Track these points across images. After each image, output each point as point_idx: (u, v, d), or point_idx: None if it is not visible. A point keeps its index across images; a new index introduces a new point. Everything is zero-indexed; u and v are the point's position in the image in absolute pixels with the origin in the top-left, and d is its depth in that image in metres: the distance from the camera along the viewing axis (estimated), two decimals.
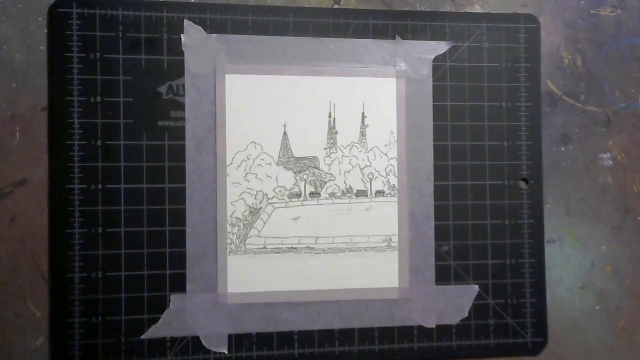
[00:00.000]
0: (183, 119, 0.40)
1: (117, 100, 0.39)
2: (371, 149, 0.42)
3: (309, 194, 0.41)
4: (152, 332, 0.39)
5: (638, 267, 0.44)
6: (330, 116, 0.41)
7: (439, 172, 0.42)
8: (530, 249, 0.43)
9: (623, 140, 0.45)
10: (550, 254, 0.43)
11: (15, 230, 0.38)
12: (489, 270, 0.42)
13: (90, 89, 0.39)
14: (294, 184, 0.41)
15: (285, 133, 0.41)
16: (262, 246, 0.40)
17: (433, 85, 0.42)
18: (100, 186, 0.39)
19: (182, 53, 0.40)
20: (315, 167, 0.41)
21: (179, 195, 0.39)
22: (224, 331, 0.39)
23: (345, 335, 0.41)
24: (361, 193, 0.41)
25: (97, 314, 0.38)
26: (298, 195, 0.41)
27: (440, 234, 0.42)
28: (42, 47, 0.39)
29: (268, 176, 0.41)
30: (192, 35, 0.40)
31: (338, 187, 0.41)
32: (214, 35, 0.40)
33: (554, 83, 0.44)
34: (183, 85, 0.40)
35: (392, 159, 0.42)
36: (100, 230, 0.39)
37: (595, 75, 0.45)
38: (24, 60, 0.39)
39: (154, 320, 0.39)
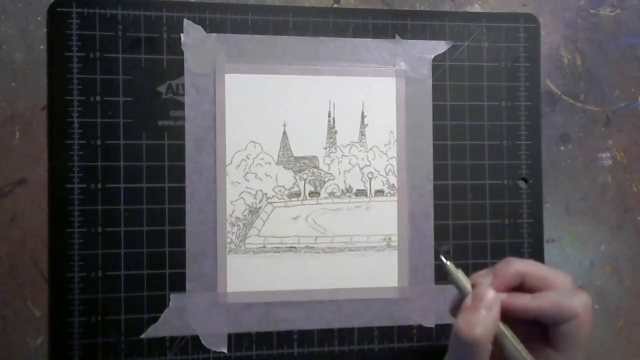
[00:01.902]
0: (183, 118, 0.40)
1: (117, 99, 0.39)
2: (371, 149, 0.42)
3: (309, 194, 0.41)
4: (152, 332, 0.39)
5: (637, 267, 0.44)
6: (329, 116, 0.41)
7: (439, 172, 0.42)
8: (529, 249, 0.43)
9: (622, 140, 0.45)
10: (550, 253, 0.43)
11: (15, 230, 0.38)
12: None
13: (90, 88, 0.39)
14: (293, 184, 0.41)
15: (284, 132, 0.41)
16: (261, 245, 0.40)
17: (433, 85, 0.42)
18: (99, 185, 0.39)
19: (181, 52, 0.40)
20: (315, 167, 0.41)
21: (179, 195, 0.39)
22: (223, 330, 0.39)
23: (345, 334, 0.41)
24: (361, 192, 0.41)
25: (96, 313, 0.38)
26: (298, 194, 0.41)
27: (440, 233, 0.42)
28: (41, 47, 0.39)
29: (268, 175, 0.41)
30: (191, 35, 0.40)
31: (337, 186, 0.41)
32: (214, 34, 0.40)
33: (554, 82, 0.44)
34: (183, 85, 0.40)
35: (391, 158, 0.42)
36: (99, 229, 0.39)
37: (594, 75, 0.45)
38: (24, 60, 0.39)
39: (153, 320, 0.39)
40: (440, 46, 0.42)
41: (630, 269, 0.44)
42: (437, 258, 0.42)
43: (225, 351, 0.39)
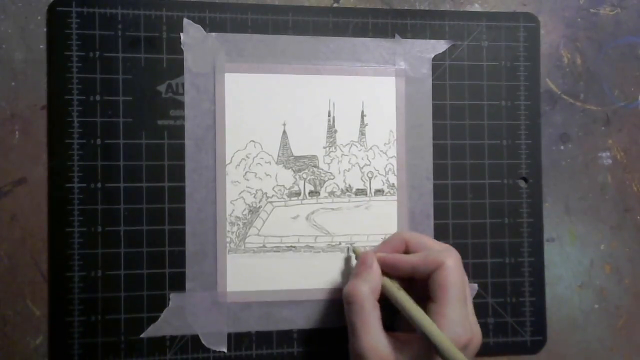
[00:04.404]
0: (182, 117, 0.40)
1: (117, 99, 0.39)
2: (370, 148, 0.42)
3: (309, 193, 0.41)
4: (152, 331, 0.39)
5: (637, 266, 0.44)
6: (329, 115, 0.41)
7: (439, 171, 0.42)
8: (529, 248, 0.43)
9: (622, 139, 0.45)
10: (550, 252, 0.43)
11: (14, 229, 0.38)
12: (489, 269, 0.42)
13: (90, 87, 0.39)
14: (293, 183, 0.41)
15: (284, 132, 0.41)
16: (261, 245, 0.40)
17: (432, 84, 0.42)
18: (99, 185, 0.39)
19: (181, 52, 0.40)
20: (315, 166, 0.41)
21: (179, 194, 0.39)
22: (223, 330, 0.39)
23: (345, 334, 0.41)
24: (360, 192, 0.41)
25: (96, 313, 0.38)
26: (297, 194, 0.41)
27: (440, 233, 0.42)
28: (41, 46, 0.39)
29: (267, 175, 0.41)
30: (191, 34, 0.40)
31: (337, 186, 0.41)
32: (214, 34, 0.40)
33: (554, 82, 0.44)
34: (182, 84, 0.40)
35: (391, 157, 0.42)
36: (99, 229, 0.39)
37: (594, 74, 0.45)
38: (24, 59, 0.39)
39: (153, 319, 0.39)
40: (440, 45, 0.42)
41: (630, 268, 0.44)
42: None
43: (225, 350, 0.39)
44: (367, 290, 0.34)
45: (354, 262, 0.40)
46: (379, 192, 0.42)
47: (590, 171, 0.44)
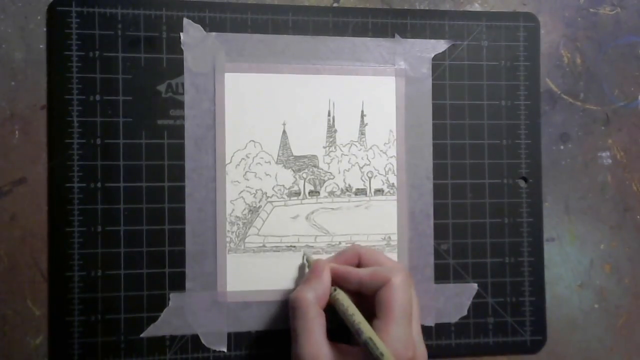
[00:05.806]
0: (182, 117, 0.40)
1: (117, 98, 0.39)
2: (370, 148, 0.42)
3: (308, 193, 0.41)
4: (152, 331, 0.39)
5: (637, 266, 0.44)
6: (329, 115, 0.41)
7: (438, 171, 0.42)
8: (529, 248, 0.43)
9: (622, 139, 0.45)
10: (550, 252, 0.43)
11: (14, 229, 0.38)
12: (488, 269, 0.42)
13: (90, 87, 0.39)
14: (293, 183, 0.41)
15: (284, 131, 0.41)
16: (261, 245, 0.40)
17: (432, 84, 0.42)
18: (99, 185, 0.39)
19: (181, 51, 0.40)
20: (315, 166, 0.41)
21: (179, 194, 0.39)
22: (223, 329, 0.39)
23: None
24: (360, 192, 0.41)
25: (96, 313, 0.38)
26: (297, 193, 0.41)
27: (440, 232, 0.42)
28: (41, 46, 0.39)
29: (267, 175, 0.41)
30: (191, 34, 0.40)
31: (337, 185, 0.41)
32: (213, 33, 0.40)
33: (553, 81, 0.44)
34: (182, 84, 0.40)
35: (391, 157, 0.42)
36: (99, 228, 0.39)
37: (594, 74, 0.45)
38: (23, 59, 0.39)
39: (153, 319, 0.39)
40: (440, 45, 0.42)
41: (630, 267, 0.44)
42: (436, 257, 0.42)
43: (225, 350, 0.39)
44: (312, 297, 0.34)
45: (307, 270, 0.39)
46: (378, 191, 0.42)
47: (590, 171, 0.44)
